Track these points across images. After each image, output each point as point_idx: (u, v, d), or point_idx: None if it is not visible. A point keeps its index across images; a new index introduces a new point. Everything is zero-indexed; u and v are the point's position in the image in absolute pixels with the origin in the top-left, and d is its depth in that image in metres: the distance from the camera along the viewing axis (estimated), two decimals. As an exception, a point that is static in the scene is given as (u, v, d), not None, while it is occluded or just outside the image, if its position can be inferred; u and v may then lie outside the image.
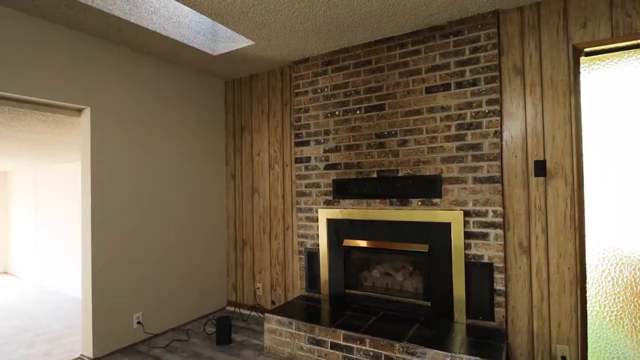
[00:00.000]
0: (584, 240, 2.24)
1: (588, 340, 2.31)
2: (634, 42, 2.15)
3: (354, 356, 2.37)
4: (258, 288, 3.62)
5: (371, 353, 2.30)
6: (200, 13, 2.36)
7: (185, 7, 2.75)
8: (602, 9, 2.18)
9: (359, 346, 2.35)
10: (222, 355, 2.75)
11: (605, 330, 2.27)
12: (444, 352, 2.07)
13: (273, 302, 3.53)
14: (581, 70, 2.33)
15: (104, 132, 2.81)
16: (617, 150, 2.23)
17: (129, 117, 2.98)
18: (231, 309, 3.79)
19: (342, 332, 2.42)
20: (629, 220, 2.19)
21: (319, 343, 2.51)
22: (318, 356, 2.51)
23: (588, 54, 2.30)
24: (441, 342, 2.18)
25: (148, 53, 3.09)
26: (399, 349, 2.21)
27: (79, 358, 2.75)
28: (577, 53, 2.27)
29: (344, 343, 2.41)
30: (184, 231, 3.44)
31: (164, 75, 3.27)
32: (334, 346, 2.44)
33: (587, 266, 2.30)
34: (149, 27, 2.62)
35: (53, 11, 2.33)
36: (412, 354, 2.16)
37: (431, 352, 2.11)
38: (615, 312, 2.25)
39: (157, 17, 2.67)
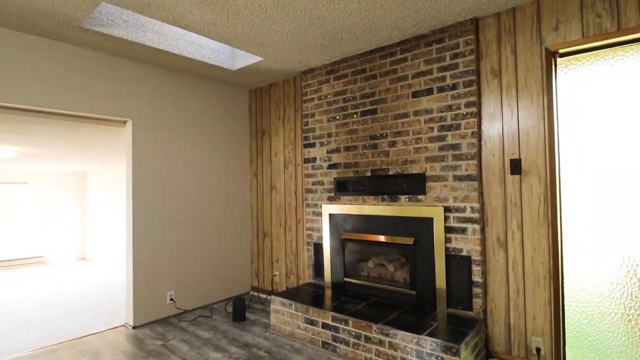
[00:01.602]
0: (557, 236, 2.31)
1: (566, 334, 2.37)
2: (605, 41, 2.18)
3: (340, 335, 2.67)
4: (275, 275, 4.04)
5: (353, 333, 2.59)
6: (210, 38, 2.83)
7: (204, 32, 3.24)
8: (573, 11, 2.24)
9: (344, 326, 2.64)
10: (235, 329, 3.20)
11: (584, 325, 2.32)
12: (411, 334, 2.30)
13: (287, 288, 3.92)
14: (558, 70, 2.39)
15: (144, 138, 3.42)
16: (594, 148, 2.26)
17: (164, 125, 3.57)
18: (254, 293, 4.26)
19: (331, 313, 2.73)
20: (606, 217, 2.22)
21: (312, 323, 2.84)
22: (312, 334, 2.85)
23: (563, 55, 2.36)
24: (413, 326, 2.40)
25: (178, 71, 3.65)
26: (375, 330, 2.47)
27: (123, 325, 3.38)
28: (550, 55, 2.34)
29: (332, 323, 2.72)
30: (214, 223, 3.98)
31: (193, 88, 3.82)
32: (324, 326, 2.76)
33: (565, 262, 2.36)
34: (175, 52, 3.15)
35: (100, 44, 2.95)
36: (386, 335, 2.41)
37: (401, 334, 2.34)
38: (592, 308, 2.29)
39: (182, 43, 3.19)
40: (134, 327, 3.29)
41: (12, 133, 3.47)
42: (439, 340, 2.18)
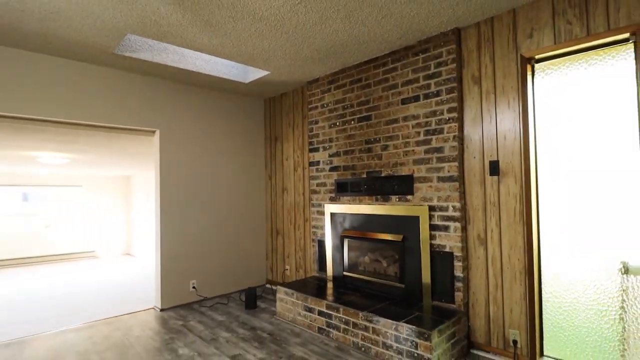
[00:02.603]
0: (531, 234, 2.43)
1: (544, 329, 2.47)
2: (578, 46, 2.28)
3: (332, 321, 2.94)
4: (286, 269, 4.37)
5: (343, 319, 2.85)
6: (221, 58, 3.22)
7: (218, 51, 3.65)
8: (546, 19, 2.36)
9: (336, 313, 2.91)
10: (246, 315, 3.57)
11: (560, 320, 2.41)
12: (391, 321, 2.52)
13: (296, 281, 4.23)
14: (536, 75, 2.51)
15: (170, 146, 3.89)
16: (571, 151, 2.36)
17: (188, 133, 4.03)
18: (268, 286, 4.63)
19: (325, 302, 3.01)
20: (581, 218, 2.31)
21: (310, 310, 3.14)
22: (310, 321, 3.14)
23: (540, 61, 2.47)
24: (394, 314, 2.61)
25: (199, 85, 4.11)
26: (361, 317, 2.71)
27: (153, 308, 3.87)
28: (525, 61, 2.46)
29: (326, 311, 2.99)
30: (233, 222, 4.40)
31: (213, 99, 4.27)
32: (320, 313, 3.05)
33: (542, 260, 2.46)
34: (194, 70, 3.59)
35: (131, 66, 3.45)
36: (370, 321, 2.65)
37: (383, 321, 2.57)
38: (568, 304, 2.38)
39: (199, 61, 3.62)
40: (161, 310, 3.77)
41: (61, 143, 4.10)
42: (414, 327, 2.39)
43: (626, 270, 2.21)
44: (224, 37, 2.79)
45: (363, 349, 2.70)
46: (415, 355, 2.36)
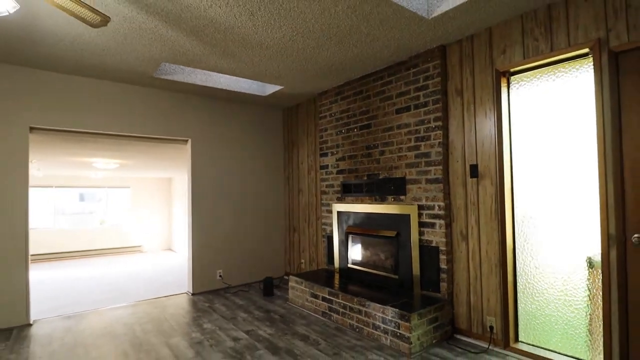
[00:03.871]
0: (505, 230, 2.69)
1: (519, 317, 2.73)
2: (544, 61, 2.52)
3: (333, 306, 3.34)
4: (302, 262, 4.83)
5: (342, 304, 3.25)
6: (240, 77, 3.74)
7: (239, 69, 4.18)
8: (516, 36, 2.63)
9: (336, 299, 3.31)
10: (263, 301, 4.07)
11: (532, 309, 2.65)
12: (379, 305, 2.88)
13: (307, 272, 4.67)
14: (511, 87, 2.77)
15: (200, 152, 4.49)
16: (542, 152, 2.60)
17: (215, 141, 4.61)
18: (286, 277, 5.11)
19: (327, 289, 3.42)
20: (553, 216, 2.55)
21: (315, 296, 3.56)
22: (315, 306, 3.56)
23: (515, 73, 2.73)
24: (383, 300, 2.97)
25: (224, 99, 4.67)
26: (355, 302, 3.10)
27: (185, 293, 4.48)
28: (499, 75, 2.73)
29: (328, 297, 3.41)
30: (255, 219, 4.93)
31: (238, 111, 4.82)
32: (323, 299, 3.46)
33: (517, 254, 2.72)
34: (219, 87, 4.15)
35: (167, 86, 4.07)
36: (363, 305, 3.03)
37: (373, 305, 2.94)
38: (539, 295, 2.62)
39: (223, 79, 4.18)
40: (192, 294, 4.36)
41: (111, 151, 4.83)
42: (397, 310, 2.74)
43: (591, 264, 2.43)
44: (239, 62, 3.30)
45: (357, 329, 3.08)
46: (398, 334, 2.72)
